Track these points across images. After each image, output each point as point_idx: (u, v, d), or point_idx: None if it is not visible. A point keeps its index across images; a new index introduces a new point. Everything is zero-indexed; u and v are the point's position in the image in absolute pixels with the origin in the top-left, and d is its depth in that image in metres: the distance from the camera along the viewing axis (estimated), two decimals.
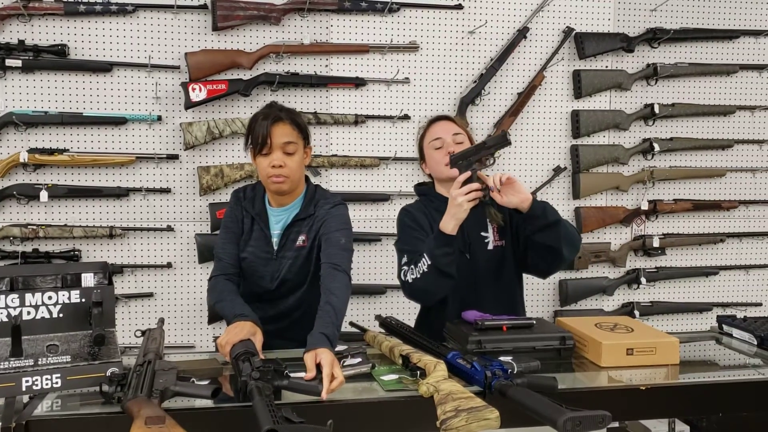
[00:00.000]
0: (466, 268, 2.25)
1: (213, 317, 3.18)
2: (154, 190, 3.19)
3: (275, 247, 2.23)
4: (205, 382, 1.69)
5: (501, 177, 2.07)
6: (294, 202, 2.24)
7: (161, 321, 2.13)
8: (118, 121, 3.14)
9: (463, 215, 2.08)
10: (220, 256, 2.25)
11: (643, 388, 1.81)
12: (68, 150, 3.09)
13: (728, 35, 3.69)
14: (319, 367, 1.71)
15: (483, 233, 2.30)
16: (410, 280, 2.17)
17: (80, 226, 3.12)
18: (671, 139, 3.66)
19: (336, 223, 2.18)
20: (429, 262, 2.10)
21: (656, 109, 3.61)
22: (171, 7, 3.14)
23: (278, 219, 2.24)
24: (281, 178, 2.14)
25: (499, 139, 2.07)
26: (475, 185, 2.06)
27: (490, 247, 2.29)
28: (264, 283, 2.24)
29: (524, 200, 2.09)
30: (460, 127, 2.36)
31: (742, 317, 2.44)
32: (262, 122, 2.14)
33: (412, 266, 2.16)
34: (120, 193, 3.15)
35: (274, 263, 2.22)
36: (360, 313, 3.40)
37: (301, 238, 2.20)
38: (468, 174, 2.08)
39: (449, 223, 2.09)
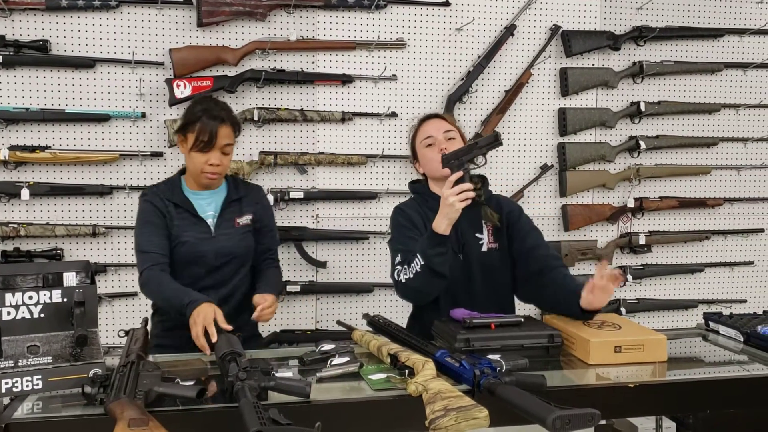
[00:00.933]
0: (459, 268, 2.24)
1: None
2: (138, 188, 3.14)
3: (212, 227, 2.31)
4: (190, 383, 1.68)
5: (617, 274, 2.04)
6: (221, 184, 2.37)
7: (145, 321, 2.11)
8: (102, 118, 3.10)
9: (456, 215, 2.07)
10: (146, 249, 2.25)
11: (632, 385, 1.81)
12: (50, 147, 3.04)
13: (713, 34, 3.71)
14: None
15: (478, 234, 2.30)
16: (403, 280, 2.16)
17: (62, 225, 3.08)
18: (657, 136, 3.67)
19: (272, 219, 2.47)
20: (422, 262, 2.09)
21: (642, 107, 3.62)
22: (155, 2, 3.11)
23: (209, 201, 2.34)
24: (215, 175, 2.28)
25: (491, 140, 2.07)
26: (467, 185, 2.05)
27: (484, 248, 2.29)
28: (208, 260, 2.29)
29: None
30: (451, 125, 2.35)
31: (729, 314, 2.45)
32: (210, 122, 2.22)
33: (405, 266, 2.15)
34: (103, 191, 3.10)
35: (213, 241, 2.30)
36: (347, 311, 3.38)
37: (248, 217, 2.36)
38: (459, 174, 2.07)
39: (442, 223, 2.08)
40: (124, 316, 3.18)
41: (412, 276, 2.13)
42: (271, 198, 3.09)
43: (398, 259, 2.21)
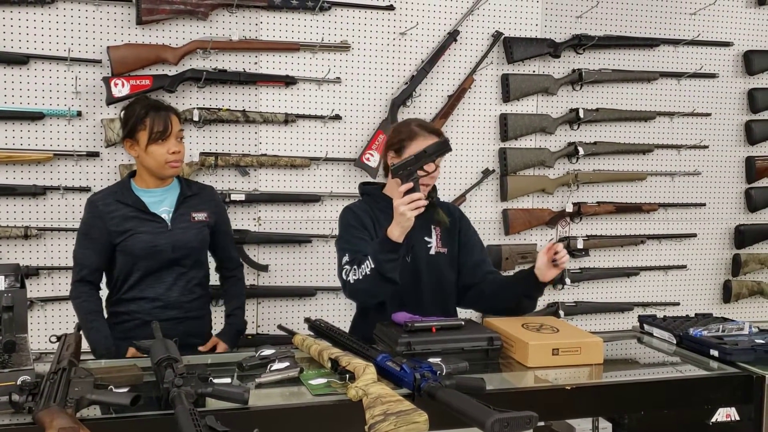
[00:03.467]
0: (408, 270, 2.26)
1: None
2: (73, 189, 3.05)
3: (168, 222, 2.36)
4: (125, 390, 1.64)
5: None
6: (172, 182, 2.42)
7: (78, 326, 2.05)
8: (35, 116, 2.99)
9: (409, 224, 2.08)
10: (81, 262, 2.35)
11: (569, 387, 1.85)
12: None
13: (649, 43, 3.82)
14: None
15: (426, 238, 2.32)
16: (352, 281, 2.16)
17: None
18: (595, 143, 3.75)
19: (227, 218, 2.57)
20: (372, 266, 2.10)
21: (581, 114, 3.70)
22: None
23: (162, 198, 2.39)
24: (178, 162, 2.35)
25: (440, 147, 2.09)
26: (418, 195, 2.07)
27: (432, 252, 2.32)
28: (166, 253, 2.34)
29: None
30: None
31: (662, 317, 2.52)
32: (160, 113, 2.31)
33: (355, 267, 2.16)
34: (36, 192, 3.00)
35: (170, 234, 2.35)
36: (289, 315, 3.35)
37: (203, 214, 2.42)
38: (410, 185, 2.07)
39: (395, 231, 2.09)
40: (57, 321, 3.08)
41: (360, 277, 2.13)
42: None
43: (346, 258, 2.21)
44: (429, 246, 2.32)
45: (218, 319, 2.62)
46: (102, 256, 2.34)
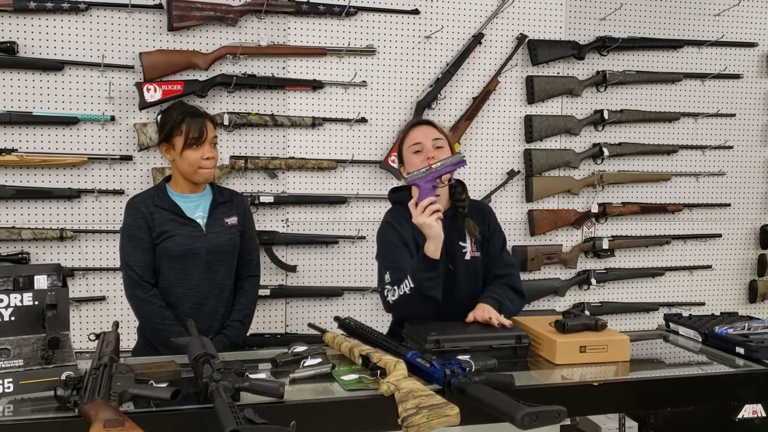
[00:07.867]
0: (446, 277, 2.28)
1: None
2: (106, 192, 3.13)
3: (203, 227, 2.42)
4: (164, 385, 1.69)
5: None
6: (205, 188, 2.48)
7: (116, 324, 2.10)
8: (70, 121, 3.07)
9: (437, 232, 2.11)
10: (134, 264, 2.36)
11: (596, 384, 1.87)
12: (17, 150, 3.01)
13: (673, 45, 3.82)
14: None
15: (462, 243, 2.34)
16: (391, 301, 2.19)
17: (29, 228, 3.04)
18: (620, 144, 3.76)
19: (253, 226, 2.57)
20: (412, 285, 2.12)
21: (605, 115, 3.71)
22: (125, 5, 3.10)
23: (197, 204, 2.44)
24: (211, 168, 2.41)
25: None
26: (428, 200, 2.09)
27: (468, 257, 2.34)
28: (201, 256, 2.39)
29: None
30: (440, 132, 2.35)
31: (688, 315, 2.53)
32: (195, 119, 2.37)
33: (395, 287, 2.17)
34: (71, 195, 3.08)
35: (205, 239, 2.40)
36: (317, 315, 3.40)
37: (233, 219, 2.47)
38: (415, 198, 2.11)
39: (430, 246, 2.12)
40: (92, 321, 3.15)
41: (398, 297, 2.16)
42: None
43: (388, 277, 2.22)
44: (464, 251, 2.34)
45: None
46: (151, 254, 2.37)
